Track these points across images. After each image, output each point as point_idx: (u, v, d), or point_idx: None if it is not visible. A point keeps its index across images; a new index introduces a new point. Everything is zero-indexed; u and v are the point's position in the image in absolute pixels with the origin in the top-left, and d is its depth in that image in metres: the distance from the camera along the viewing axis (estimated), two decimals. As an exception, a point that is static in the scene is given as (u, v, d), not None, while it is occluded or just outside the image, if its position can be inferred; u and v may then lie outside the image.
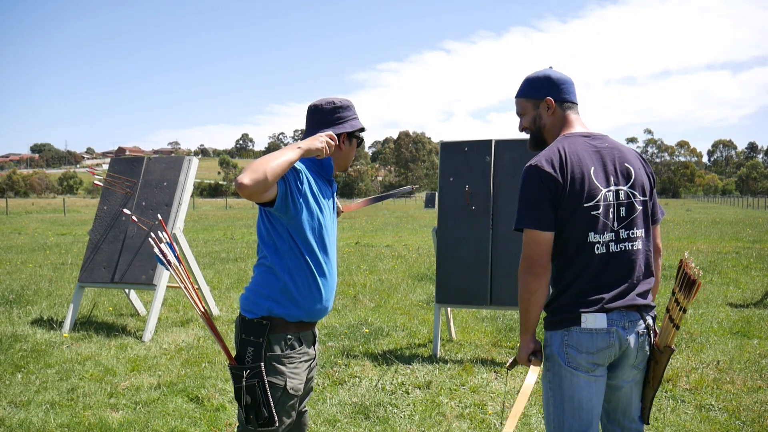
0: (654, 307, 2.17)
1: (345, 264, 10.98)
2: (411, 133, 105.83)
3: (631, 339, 2.09)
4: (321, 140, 2.13)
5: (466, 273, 5.18)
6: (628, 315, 2.08)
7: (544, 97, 2.19)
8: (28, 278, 9.35)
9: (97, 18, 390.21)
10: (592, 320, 2.06)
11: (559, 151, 2.08)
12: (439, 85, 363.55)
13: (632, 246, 2.10)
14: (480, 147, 5.33)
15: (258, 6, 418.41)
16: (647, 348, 2.14)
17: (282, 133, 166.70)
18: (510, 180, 5.19)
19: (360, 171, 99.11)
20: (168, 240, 2.73)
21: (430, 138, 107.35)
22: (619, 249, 2.09)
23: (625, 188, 2.10)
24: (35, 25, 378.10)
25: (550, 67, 2.25)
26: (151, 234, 3.37)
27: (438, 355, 5.09)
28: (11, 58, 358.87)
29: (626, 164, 2.12)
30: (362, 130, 2.41)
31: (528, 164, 2.10)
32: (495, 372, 4.69)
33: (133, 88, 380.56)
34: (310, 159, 2.31)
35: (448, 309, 5.63)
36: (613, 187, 2.08)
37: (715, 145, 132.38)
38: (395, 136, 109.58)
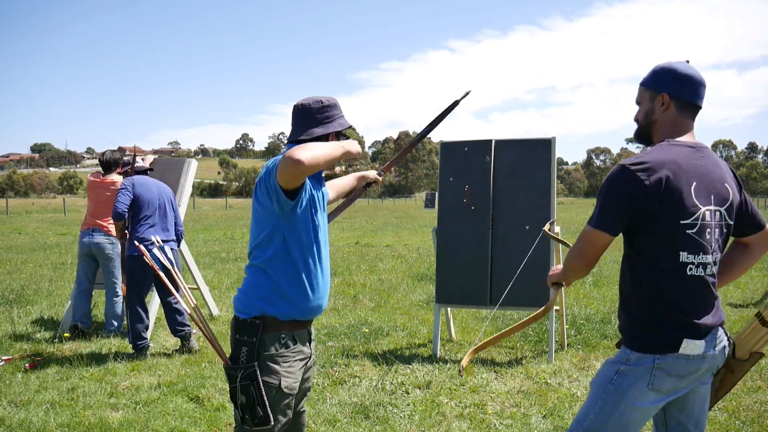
0: None
1: (345, 264, 10.98)
2: (411, 133, 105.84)
3: (719, 356, 2.05)
4: (358, 148, 2.26)
5: (466, 273, 5.18)
6: (717, 332, 2.04)
7: (661, 91, 2.02)
8: (28, 278, 9.35)
9: (97, 18, 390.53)
10: (692, 347, 1.97)
11: (659, 158, 1.93)
12: (443, 84, 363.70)
13: (714, 269, 2.02)
14: (480, 147, 5.33)
15: (260, 5, 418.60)
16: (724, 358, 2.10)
17: (282, 133, 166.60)
18: (510, 180, 5.19)
19: (360, 171, 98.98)
20: (159, 243, 2.74)
21: (430, 138, 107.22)
22: (710, 273, 2.00)
23: (721, 209, 1.99)
24: (36, 26, 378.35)
25: (687, 61, 2.06)
26: (134, 241, 3.35)
27: (438, 355, 5.10)
28: (12, 59, 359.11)
29: (726, 185, 2.00)
30: (349, 127, 2.42)
31: (621, 163, 1.96)
32: (495, 372, 4.69)
33: (133, 88, 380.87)
34: None
35: (448, 309, 5.63)
36: (712, 207, 1.96)
37: (715, 145, 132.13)
38: (396, 136, 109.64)
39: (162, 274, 2.61)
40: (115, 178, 5.77)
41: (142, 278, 5.09)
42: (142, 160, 5.90)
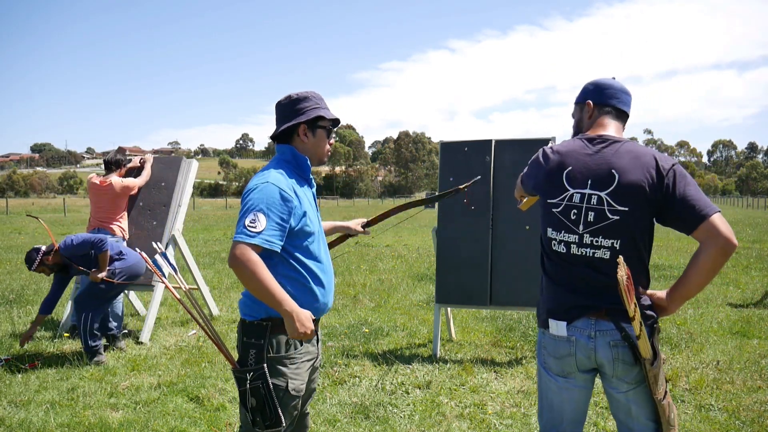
0: (649, 318, 2.04)
1: (345, 264, 10.98)
2: (411, 133, 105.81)
3: (601, 350, 2.02)
4: (307, 329, 2.15)
5: (466, 273, 5.18)
6: (598, 324, 2.02)
7: (586, 100, 2.26)
8: (28, 278, 9.35)
9: (97, 18, 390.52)
10: (555, 327, 2.10)
11: (557, 148, 2.19)
12: (443, 84, 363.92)
13: (595, 253, 2.03)
14: (480, 147, 5.33)
15: (260, 5, 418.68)
16: (631, 360, 2.02)
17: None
18: (510, 180, 5.19)
19: (360, 171, 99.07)
20: (161, 250, 2.73)
21: (430, 138, 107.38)
22: (581, 253, 2.05)
23: (601, 194, 2.03)
24: (36, 26, 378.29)
25: (613, 78, 2.29)
26: (136, 249, 3.33)
27: (438, 355, 5.09)
28: (12, 59, 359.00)
29: (613, 170, 2.03)
30: (320, 118, 2.34)
31: (544, 147, 2.27)
32: (495, 372, 4.69)
33: (133, 88, 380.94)
34: (287, 160, 2.32)
35: (448, 309, 5.63)
36: (585, 190, 2.06)
37: (715, 145, 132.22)
38: (396, 136, 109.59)
39: (166, 281, 2.62)
40: (114, 179, 5.79)
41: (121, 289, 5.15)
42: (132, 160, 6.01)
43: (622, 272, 1.84)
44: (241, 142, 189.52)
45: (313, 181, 2.43)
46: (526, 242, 5.08)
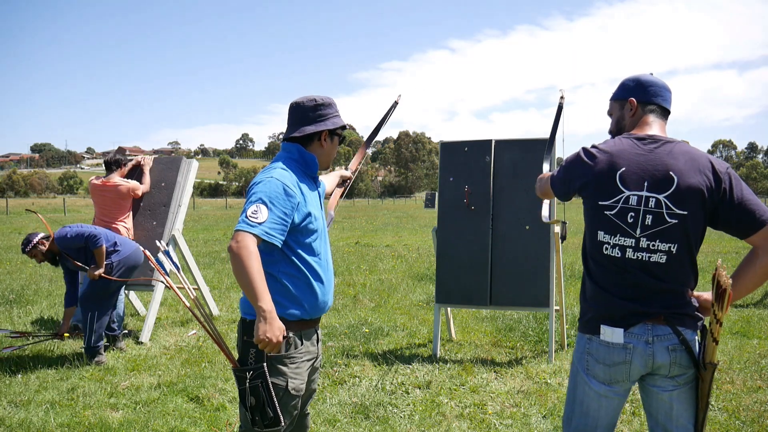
0: (699, 319, 2.04)
1: (345, 264, 10.98)
2: (411, 133, 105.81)
3: (659, 354, 1.99)
4: (273, 336, 2.08)
5: (466, 273, 5.18)
6: (655, 329, 1.99)
7: (628, 97, 2.18)
8: (29, 278, 9.35)
9: (98, 18, 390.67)
10: (609, 334, 2.02)
11: (605, 148, 2.08)
12: (443, 84, 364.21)
13: (651, 258, 1.98)
14: (480, 147, 5.33)
15: (261, 6, 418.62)
16: (688, 363, 2.01)
17: (281, 133, 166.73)
18: (510, 180, 5.19)
19: (360, 171, 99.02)
20: (164, 248, 2.74)
21: (430, 138, 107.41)
22: (637, 257, 1.99)
23: (659, 197, 1.97)
24: (36, 26, 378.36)
25: (651, 73, 2.22)
26: (139, 246, 3.32)
27: (438, 355, 5.09)
28: (12, 59, 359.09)
29: (671, 172, 1.97)
30: (343, 128, 2.42)
31: (584, 145, 2.17)
32: (495, 372, 4.69)
33: (134, 88, 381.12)
34: (294, 158, 2.34)
35: (448, 309, 5.63)
36: (642, 192, 1.98)
37: (715, 145, 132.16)
38: (395, 136, 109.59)
39: (169, 279, 2.63)
40: (117, 180, 5.80)
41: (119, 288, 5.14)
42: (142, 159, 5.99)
43: (730, 280, 1.86)
44: (241, 142, 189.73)
45: (319, 179, 2.45)
46: (526, 242, 5.08)
